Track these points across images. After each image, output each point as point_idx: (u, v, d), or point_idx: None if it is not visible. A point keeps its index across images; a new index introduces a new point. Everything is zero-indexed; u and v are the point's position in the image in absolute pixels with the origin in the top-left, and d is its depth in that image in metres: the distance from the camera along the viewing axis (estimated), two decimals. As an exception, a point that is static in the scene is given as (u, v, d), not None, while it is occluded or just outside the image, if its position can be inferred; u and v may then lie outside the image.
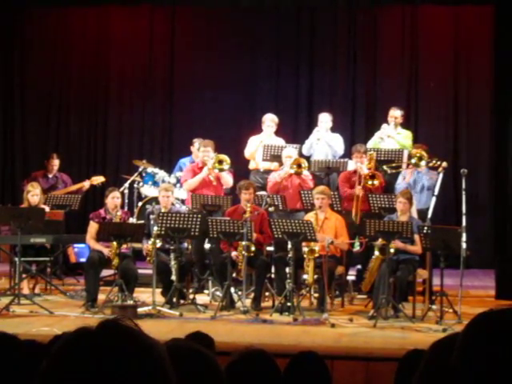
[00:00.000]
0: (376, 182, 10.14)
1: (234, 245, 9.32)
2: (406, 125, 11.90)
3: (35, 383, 1.44)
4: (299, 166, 10.30)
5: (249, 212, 9.32)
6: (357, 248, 10.08)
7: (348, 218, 9.87)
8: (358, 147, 10.61)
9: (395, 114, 11.31)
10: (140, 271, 9.72)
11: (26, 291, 9.73)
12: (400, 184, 10.45)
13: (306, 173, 10.42)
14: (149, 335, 1.50)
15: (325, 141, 11.37)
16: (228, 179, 10.63)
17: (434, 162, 10.22)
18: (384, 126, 11.24)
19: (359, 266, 10.31)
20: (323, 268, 8.76)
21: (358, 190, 10.15)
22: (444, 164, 10.33)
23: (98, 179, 11.86)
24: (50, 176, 11.88)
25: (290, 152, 10.59)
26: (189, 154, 11.60)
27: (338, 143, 11.42)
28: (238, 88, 13.98)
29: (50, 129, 14.39)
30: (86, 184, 11.82)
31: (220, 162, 10.39)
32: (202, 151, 10.58)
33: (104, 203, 9.88)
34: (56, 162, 11.93)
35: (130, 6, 14.33)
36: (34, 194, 10.16)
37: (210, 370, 2.09)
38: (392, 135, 11.19)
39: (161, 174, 11.70)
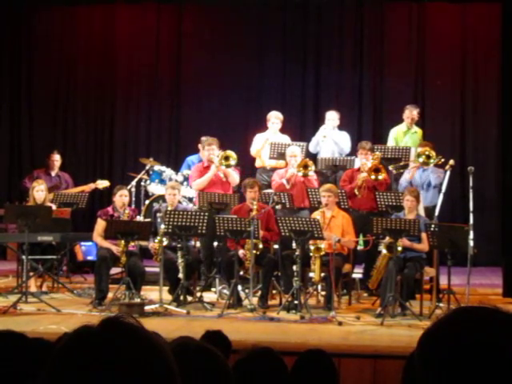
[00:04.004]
0: (380, 177, 10.12)
1: (241, 243, 9.32)
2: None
3: (39, 382, 1.44)
4: (305, 167, 10.27)
5: (255, 210, 9.32)
6: (362, 246, 10.09)
7: (354, 216, 9.87)
8: (363, 144, 10.61)
9: (413, 113, 11.33)
10: (147, 269, 9.73)
11: (33, 289, 9.75)
12: (404, 182, 10.44)
13: (310, 173, 10.39)
14: (152, 332, 1.49)
15: (331, 138, 11.38)
16: (234, 176, 10.61)
17: (438, 159, 10.20)
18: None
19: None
20: (330, 266, 8.76)
21: (360, 179, 10.15)
22: (451, 162, 10.31)
23: (103, 183, 11.78)
24: (53, 174, 11.84)
25: (294, 150, 10.56)
26: (196, 151, 11.61)
27: (344, 141, 11.44)
28: (244, 86, 13.99)
29: (57, 128, 14.41)
30: (92, 186, 11.78)
31: (226, 158, 10.36)
32: (207, 149, 10.55)
33: (112, 201, 9.90)
34: (57, 158, 11.87)
35: (136, 5, 14.34)
36: (38, 189, 10.18)
37: (218, 368, 2.09)
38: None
39: (168, 171, 11.70)
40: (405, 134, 11.37)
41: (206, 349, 2.12)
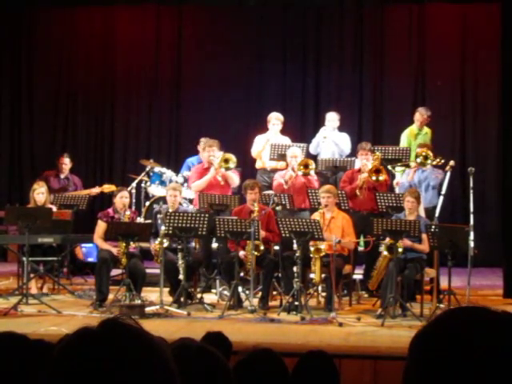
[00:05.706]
0: (381, 178, 10.11)
1: (242, 244, 9.31)
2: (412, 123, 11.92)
3: (40, 383, 1.45)
4: (306, 166, 10.27)
5: (256, 211, 9.31)
6: (362, 247, 10.08)
7: (355, 217, 9.87)
8: (363, 145, 10.61)
9: (424, 116, 11.36)
10: (148, 270, 9.73)
11: (34, 291, 9.75)
12: (403, 182, 10.44)
13: (311, 172, 10.40)
14: (151, 333, 1.49)
15: (332, 140, 11.38)
16: (234, 178, 10.62)
17: (438, 160, 10.20)
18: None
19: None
20: (330, 267, 8.76)
21: (360, 180, 10.13)
22: (451, 162, 10.31)
23: (110, 188, 11.76)
24: (62, 177, 11.88)
25: (295, 151, 10.56)
26: (196, 153, 11.61)
27: (344, 142, 11.44)
28: (244, 87, 13.98)
29: (57, 129, 14.41)
30: (98, 189, 11.78)
31: (226, 160, 10.36)
32: (208, 151, 10.55)
33: (112, 203, 9.90)
34: (66, 161, 11.92)
35: (136, 6, 14.34)
36: (39, 192, 10.17)
37: (218, 369, 2.09)
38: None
39: (168, 173, 11.70)
40: (417, 136, 11.37)
41: (207, 350, 2.12)
